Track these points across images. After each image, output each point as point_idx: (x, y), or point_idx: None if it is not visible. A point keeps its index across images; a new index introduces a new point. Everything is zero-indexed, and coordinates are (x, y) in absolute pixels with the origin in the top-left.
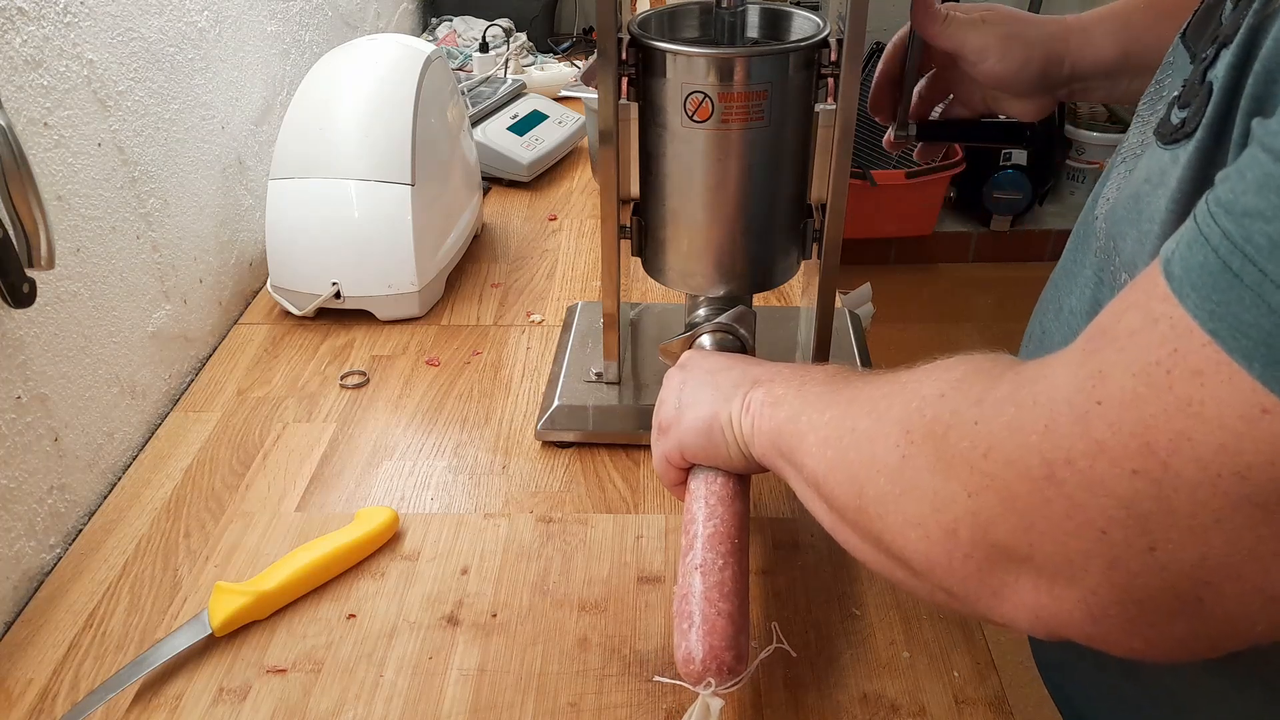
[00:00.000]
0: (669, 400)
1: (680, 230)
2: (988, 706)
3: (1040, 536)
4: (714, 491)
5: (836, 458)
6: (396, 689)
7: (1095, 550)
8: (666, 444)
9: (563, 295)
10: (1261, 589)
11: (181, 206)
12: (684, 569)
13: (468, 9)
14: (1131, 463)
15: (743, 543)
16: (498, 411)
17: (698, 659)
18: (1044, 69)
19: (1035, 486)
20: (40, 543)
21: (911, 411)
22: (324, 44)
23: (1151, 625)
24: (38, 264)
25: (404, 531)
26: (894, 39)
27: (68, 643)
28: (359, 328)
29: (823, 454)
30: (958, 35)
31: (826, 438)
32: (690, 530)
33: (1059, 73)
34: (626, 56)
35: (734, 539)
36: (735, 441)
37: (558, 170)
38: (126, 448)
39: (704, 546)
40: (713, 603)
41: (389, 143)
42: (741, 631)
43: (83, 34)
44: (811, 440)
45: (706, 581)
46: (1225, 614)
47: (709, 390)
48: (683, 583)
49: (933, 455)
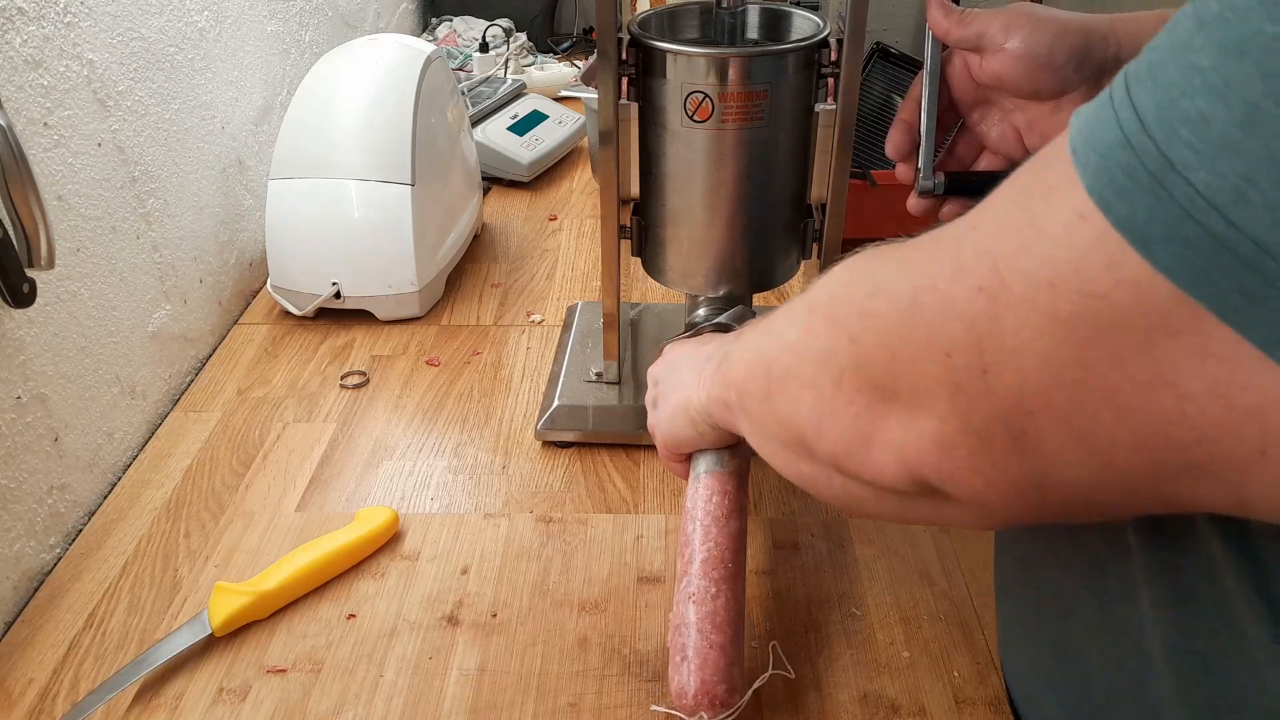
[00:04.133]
0: (649, 398)
1: (680, 230)
2: (988, 706)
3: (903, 367)
4: (709, 511)
5: (753, 358)
6: (396, 689)
7: (942, 375)
8: (657, 441)
9: (563, 295)
10: (1070, 423)
11: (181, 206)
12: (678, 596)
13: (468, 9)
14: (979, 280)
15: (738, 566)
16: (498, 411)
17: (690, 694)
18: (1083, 49)
19: (902, 315)
20: (40, 543)
21: (818, 290)
22: (324, 44)
23: (989, 461)
24: (38, 264)
25: (404, 531)
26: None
27: (68, 643)
28: (359, 328)
29: (743, 361)
30: (977, 24)
31: (746, 347)
32: (685, 553)
33: (1103, 53)
34: (626, 56)
35: (728, 563)
36: (703, 420)
37: (558, 170)
38: (126, 448)
39: (698, 573)
40: (705, 634)
41: (389, 143)
42: (734, 663)
43: (83, 34)
44: (737, 361)
45: (699, 612)
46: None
47: (676, 378)
48: (677, 612)
49: (827, 314)
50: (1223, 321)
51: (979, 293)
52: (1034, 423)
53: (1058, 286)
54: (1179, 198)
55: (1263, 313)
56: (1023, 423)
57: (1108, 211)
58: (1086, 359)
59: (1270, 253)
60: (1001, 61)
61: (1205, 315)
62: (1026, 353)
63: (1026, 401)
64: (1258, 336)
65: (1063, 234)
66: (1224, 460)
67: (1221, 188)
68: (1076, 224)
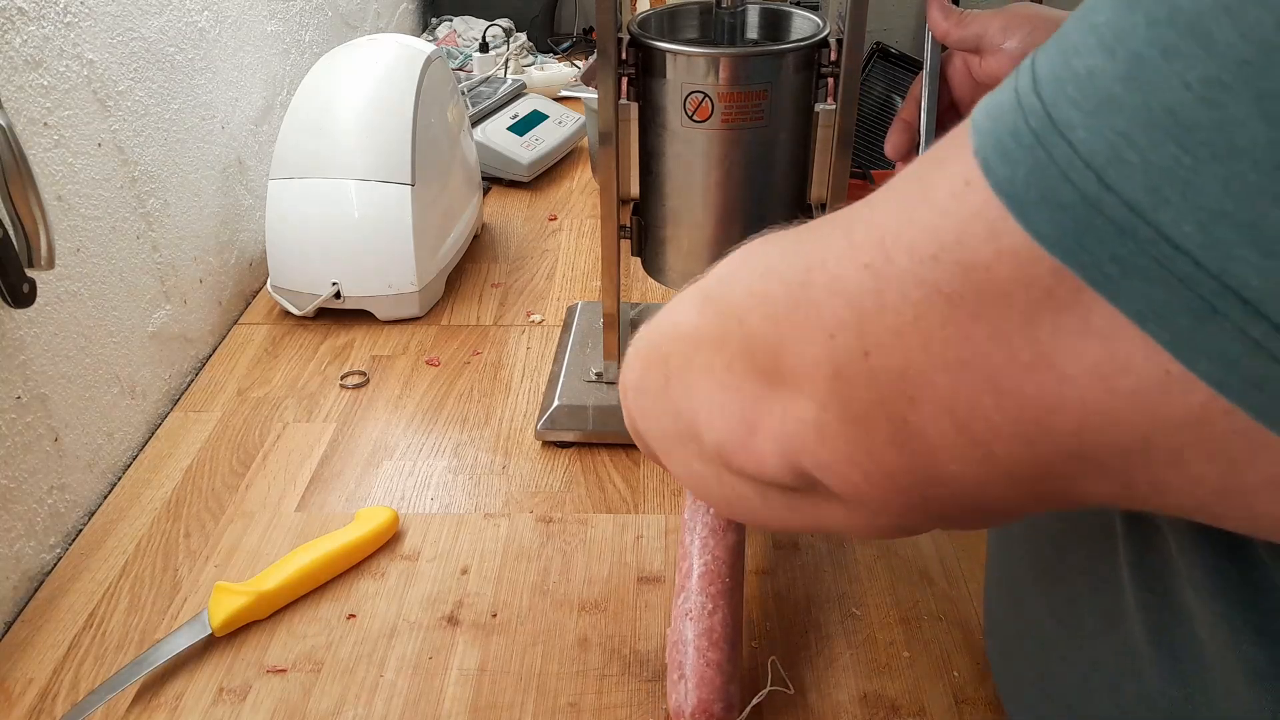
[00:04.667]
0: None
1: (680, 230)
2: (988, 706)
3: (788, 349)
4: (706, 524)
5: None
6: (396, 689)
7: (824, 356)
8: None
9: (563, 295)
10: (952, 411)
11: (181, 206)
12: (676, 612)
13: (468, 9)
14: (866, 256)
15: (735, 579)
16: (498, 411)
17: (687, 712)
18: None
19: (791, 295)
20: (40, 543)
21: (712, 275)
22: (324, 44)
23: (867, 452)
24: (38, 264)
25: (404, 531)
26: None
27: (68, 643)
28: (359, 328)
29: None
30: (976, 24)
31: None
32: (682, 567)
33: None
34: (626, 56)
35: (725, 577)
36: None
37: (558, 170)
38: (126, 448)
39: (695, 588)
40: (701, 652)
41: (389, 143)
42: (731, 680)
43: (83, 34)
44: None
45: (696, 629)
46: (927, 444)
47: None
48: (674, 628)
49: (720, 298)
50: (1098, 293)
51: (865, 270)
52: (916, 410)
53: (941, 259)
54: (1058, 158)
55: (1135, 283)
56: (904, 410)
57: (989, 175)
58: (970, 337)
59: (1143, 216)
60: (1000, 62)
61: (1084, 288)
62: (909, 332)
63: (908, 387)
64: (1132, 309)
65: (948, 203)
66: (1107, 450)
67: (1098, 147)
68: (962, 191)
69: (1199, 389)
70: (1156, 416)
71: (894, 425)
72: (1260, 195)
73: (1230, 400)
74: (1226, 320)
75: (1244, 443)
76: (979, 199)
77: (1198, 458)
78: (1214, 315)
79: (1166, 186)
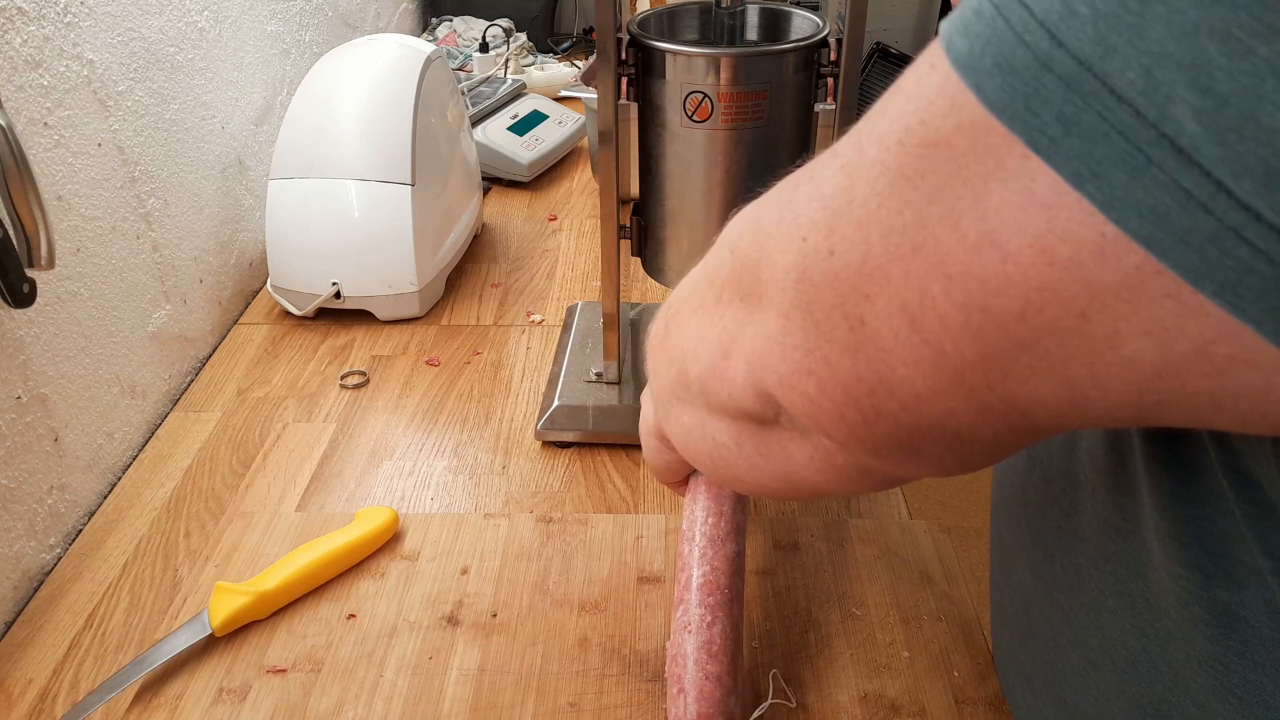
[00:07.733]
0: None
1: (680, 230)
2: (988, 706)
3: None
4: (704, 533)
5: (663, 309)
6: (396, 689)
7: (793, 262)
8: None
9: (563, 295)
10: (904, 304)
11: (181, 206)
12: (675, 625)
13: (468, 9)
14: (844, 159)
15: (735, 590)
16: (498, 411)
17: None
18: None
19: (778, 211)
20: (40, 543)
21: None
22: (324, 44)
23: (823, 359)
24: (38, 264)
25: (404, 531)
26: None
27: (68, 643)
28: (359, 328)
29: (653, 333)
30: None
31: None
32: (681, 577)
33: None
34: (626, 56)
35: (724, 588)
36: (659, 447)
37: (558, 170)
38: (126, 448)
39: (694, 600)
40: (701, 665)
41: (389, 143)
42: (731, 693)
43: (83, 34)
44: (654, 336)
45: (695, 642)
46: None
47: (645, 399)
48: (674, 641)
49: (721, 236)
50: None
51: (841, 170)
52: (871, 307)
53: (905, 143)
54: (1014, 23)
55: (1075, 142)
56: (860, 309)
57: (950, 51)
58: (924, 221)
59: (1091, 68)
60: None
61: (1030, 156)
62: (870, 223)
63: (865, 283)
64: (1070, 170)
65: (913, 88)
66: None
67: (1052, 4)
68: (926, 73)
69: (1132, 251)
70: (1093, 285)
71: (850, 327)
72: (1198, 31)
73: (1159, 259)
74: (1160, 171)
75: (1174, 306)
76: (940, 77)
77: (1132, 332)
78: (1149, 167)
79: (1114, 34)
